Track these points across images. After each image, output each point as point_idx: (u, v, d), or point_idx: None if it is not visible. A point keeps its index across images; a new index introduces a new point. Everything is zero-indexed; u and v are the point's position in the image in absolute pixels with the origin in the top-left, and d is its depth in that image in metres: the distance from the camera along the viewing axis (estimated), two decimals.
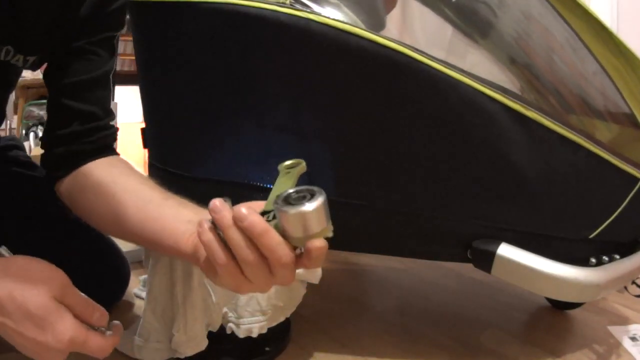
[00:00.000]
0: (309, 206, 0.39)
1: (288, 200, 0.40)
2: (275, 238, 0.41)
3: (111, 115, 0.73)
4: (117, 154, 0.71)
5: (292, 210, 0.39)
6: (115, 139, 0.73)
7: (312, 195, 0.40)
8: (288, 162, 0.47)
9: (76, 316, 0.49)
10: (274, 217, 0.41)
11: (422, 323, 0.87)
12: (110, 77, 0.73)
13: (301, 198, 0.40)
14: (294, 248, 0.42)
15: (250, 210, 0.41)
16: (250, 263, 0.42)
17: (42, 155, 0.71)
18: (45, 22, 0.65)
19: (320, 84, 0.60)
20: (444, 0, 0.86)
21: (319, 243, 0.40)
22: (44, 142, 0.71)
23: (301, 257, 0.42)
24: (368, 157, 0.63)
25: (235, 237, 0.41)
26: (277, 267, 0.42)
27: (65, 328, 0.48)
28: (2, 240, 0.53)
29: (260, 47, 0.60)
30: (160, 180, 0.70)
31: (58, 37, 0.67)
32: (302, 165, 0.46)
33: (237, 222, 0.41)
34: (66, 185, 0.68)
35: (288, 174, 0.45)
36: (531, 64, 0.86)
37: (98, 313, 0.51)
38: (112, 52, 0.73)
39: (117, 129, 0.73)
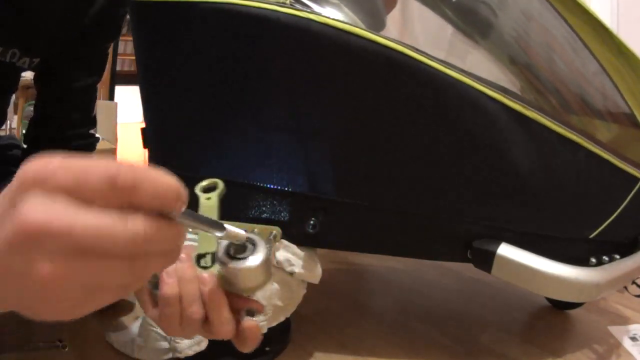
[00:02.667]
0: (254, 261, 0.39)
1: (229, 252, 0.40)
2: (225, 313, 0.40)
3: (92, 123, 0.74)
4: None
5: (238, 266, 0.39)
6: (93, 149, 0.74)
7: (254, 245, 0.39)
8: (204, 183, 0.45)
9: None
10: (213, 261, 0.42)
11: (422, 323, 0.87)
12: (97, 87, 0.74)
13: (241, 249, 0.39)
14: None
15: (212, 279, 0.40)
16: (192, 321, 0.40)
17: (22, 151, 0.73)
18: (51, 25, 0.65)
19: (320, 84, 0.60)
20: (444, 0, 0.86)
21: (251, 323, 0.42)
22: (25, 140, 0.73)
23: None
24: (368, 157, 0.63)
25: (192, 294, 0.40)
26: (215, 331, 0.42)
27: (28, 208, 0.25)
28: None
29: (261, 47, 0.60)
30: None
31: (62, 39, 0.67)
32: (222, 188, 0.44)
33: (201, 284, 0.40)
34: None
35: (209, 200, 0.43)
36: (531, 63, 0.86)
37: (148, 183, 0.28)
38: (104, 63, 0.74)
39: (97, 139, 0.75)
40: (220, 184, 0.44)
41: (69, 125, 0.72)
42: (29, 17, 0.63)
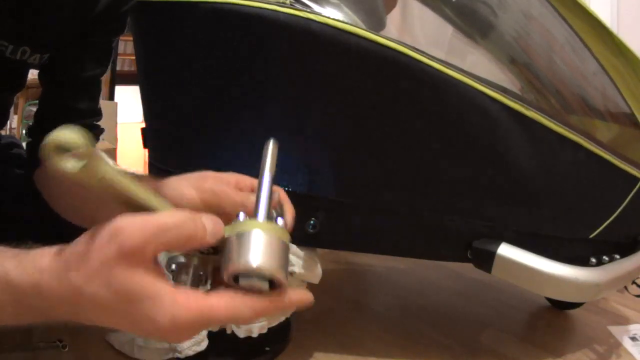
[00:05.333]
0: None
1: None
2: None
3: (98, 115, 0.76)
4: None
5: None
6: (97, 139, 0.76)
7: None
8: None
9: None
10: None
11: (422, 323, 0.87)
12: (101, 79, 0.75)
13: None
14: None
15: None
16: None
17: (27, 144, 0.74)
18: (59, 20, 0.66)
19: (320, 84, 0.60)
20: (444, 0, 0.86)
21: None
22: (30, 132, 0.74)
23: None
24: (368, 156, 0.63)
25: None
26: None
27: (164, 316, 0.32)
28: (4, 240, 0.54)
29: (260, 47, 0.60)
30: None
31: (70, 34, 0.68)
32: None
33: None
34: (42, 173, 0.72)
35: None
36: (531, 63, 0.86)
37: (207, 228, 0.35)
38: (110, 54, 0.75)
39: (102, 130, 0.76)
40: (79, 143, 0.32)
41: (76, 116, 0.73)
42: (38, 14, 0.63)
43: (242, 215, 0.36)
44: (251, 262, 0.33)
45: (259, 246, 0.33)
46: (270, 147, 0.43)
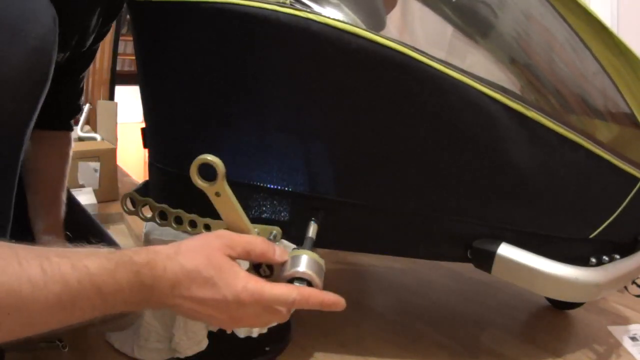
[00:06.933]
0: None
1: None
2: None
3: (81, 105, 0.89)
4: (71, 129, 0.88)
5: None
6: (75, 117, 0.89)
7: None
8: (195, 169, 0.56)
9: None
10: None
11: (422, 323, 0.87)
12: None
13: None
14: None
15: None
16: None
17: None
18: (85, 23, 0.69)
19: (321, 84, 0.60)
20: (444, 0, 0.86)
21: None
22: None
23: None
24: (368, 157, 0.63)
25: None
26: None
27: (239, 284, 0.50)
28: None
29: (261, 47, 0.60)
30: (160, 179, 0.71)
31: (85, 37, 0.72)
32: (222, 170, 0.55)
33: None
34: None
35: (220, 198, 0.56)
36: (531, 64, 0.86)
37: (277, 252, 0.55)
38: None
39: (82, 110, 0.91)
40: (219, 164, 0.55)
41: (63, 110, 0.83)
42: (69, 18, 0.65)
43: (294, 246, 0.60)
44: (299, 269, 0.54)
45: (304, 261, 0.55)
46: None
